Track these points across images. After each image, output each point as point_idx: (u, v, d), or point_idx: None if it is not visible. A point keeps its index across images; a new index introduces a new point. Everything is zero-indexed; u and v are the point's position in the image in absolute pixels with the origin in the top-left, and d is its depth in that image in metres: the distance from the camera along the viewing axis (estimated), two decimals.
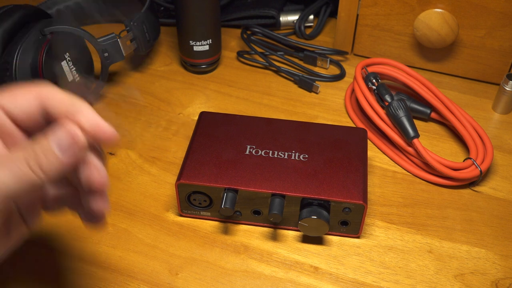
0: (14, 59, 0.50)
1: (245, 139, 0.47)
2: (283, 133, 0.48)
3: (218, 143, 0.47)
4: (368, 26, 0.64)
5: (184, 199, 0.45)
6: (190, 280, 0.42)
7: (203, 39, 0.61)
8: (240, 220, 0.45)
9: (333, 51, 0.65)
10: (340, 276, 0.42)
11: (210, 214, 0.45)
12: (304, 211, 0.42)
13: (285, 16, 0.72)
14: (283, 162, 0.45)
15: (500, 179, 0.51)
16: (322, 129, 0.49)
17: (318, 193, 0.42)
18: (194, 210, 0.45)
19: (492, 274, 0.42)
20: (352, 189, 0.42)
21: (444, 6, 0.58)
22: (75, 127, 0.29)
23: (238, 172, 0.44)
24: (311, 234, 0.43)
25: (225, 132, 0.48)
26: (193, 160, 0.45)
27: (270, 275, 0.42)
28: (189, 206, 0.45)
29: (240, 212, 0.45)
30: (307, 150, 0.46)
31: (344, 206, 0.42)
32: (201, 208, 0.45)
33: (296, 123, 0.49)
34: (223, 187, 0.43)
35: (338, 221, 0.43)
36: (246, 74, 0.65)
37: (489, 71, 0.61)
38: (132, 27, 0.58)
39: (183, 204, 0.45)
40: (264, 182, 0.43)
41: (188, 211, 0.46)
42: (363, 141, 0.47)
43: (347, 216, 0.43)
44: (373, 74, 0.56)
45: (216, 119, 0.49)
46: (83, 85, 0.55)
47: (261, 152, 0.45)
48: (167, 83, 0.64)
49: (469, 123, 0.52)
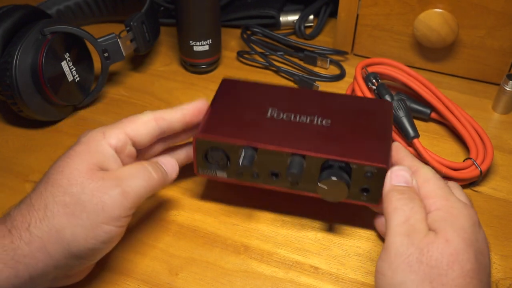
0: (14, 59, 0.50)
1: (266, 103, 0.46)
2: (306, 100, 0.46)
3: (239, 105, 0.45)
4: (368, 26, 0.64)
5: (202, 156, 0.43)
6: (190, 280, 0.42)
7: (203, 39, 0.61)
8: (257, 182, 0.43)
9: (333, 51, 0.65)
10: (340, 276, 0.42)
11: (227, 175, 0.44)
12: (325, 172, 0.40)
13: (285, 16, 0.72)
14: (305, 126, 0.43)
15: (500, 179, 0.51)
16: (346, 99, 0.48)
17: (340, 155, 0.40)
18: (210, 169, 0.43)
19: (492, 274, 0.42)
20: (375, 153, 0.40)
21: (444, 6, 0.58)
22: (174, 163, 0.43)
23: (258, 132, 0.42)
24: (329, 199, 0.41)
25: (246, 96, 0.47)
26: (213, 117, 0.44)
27: (270, 275, 0.42)
28: (205, 165, 0.43)
29: (258, 174, 0.43)
30: (330, 117, 0.44)
31: (367, 170, 0.40)
32: (217, 166, 0.43)
33: (320, 92, 0.49)
34: (242, 145, 0.41)
35: (359, 188, 0.41)
36: (246, 74, 0.65)
37: (489, 71, 0.61)
38: (132, 27, 0.58)
39: (199, 162, 0.43)
40: (284, 142, 0.41)
41: (204, 171, 0.44)
42: (388, 113, 0.46)
43: (368, 182, 0.40)
44: (373, 74, 0.56)
45: (238, 86, 0.49)
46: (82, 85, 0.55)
47: (282, 116, 0.44)
48: (167, 83, 0.64)
49: (469, 123, 0.52)
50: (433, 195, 0.36)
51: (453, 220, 0.33)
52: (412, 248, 0.33)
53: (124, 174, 0.37)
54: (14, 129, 0.57)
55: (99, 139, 0.38)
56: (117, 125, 0.40)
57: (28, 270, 0.34)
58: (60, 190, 0.35)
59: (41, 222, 0.34)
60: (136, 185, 0.37)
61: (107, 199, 0.35)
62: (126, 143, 0.39)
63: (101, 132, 0.39)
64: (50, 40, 0.52)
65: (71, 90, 0.56)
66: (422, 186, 0.37)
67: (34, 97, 0.52)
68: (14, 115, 0.55)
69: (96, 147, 0.38)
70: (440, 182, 0.37)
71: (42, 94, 0.53)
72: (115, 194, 0.36)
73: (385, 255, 0.34)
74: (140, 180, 0.37)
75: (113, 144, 0.38)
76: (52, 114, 0.56)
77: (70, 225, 0.34)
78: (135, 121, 0.40)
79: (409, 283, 0.32)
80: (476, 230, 0.34)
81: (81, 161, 0.36)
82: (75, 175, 0.36)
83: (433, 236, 0.33)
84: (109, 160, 0.38)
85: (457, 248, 0.32)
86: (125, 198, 0.36)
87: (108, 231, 0.36)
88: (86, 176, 0.36)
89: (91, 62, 0.59)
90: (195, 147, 0.43)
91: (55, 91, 0.53)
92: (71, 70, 0.55)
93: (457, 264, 0.31)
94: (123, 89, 0.63)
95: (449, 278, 0.31)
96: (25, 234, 0.34)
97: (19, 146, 0.54)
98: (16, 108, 0.53)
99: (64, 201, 0.35)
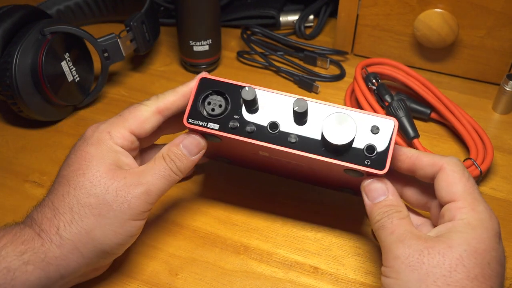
0: (14, 59, 0.50)
1: None
2: None
3: None
4: (368, 26, 0.64)
5: (199, 100, 0.39)
6: (190, 280, 0.42)
7: (203, 39, 0.61)
8: (250, 137, 0.39)
9: (333, 51, 0.65)
10: (340, 277, 0.42)
11: (219, 127, 0.39)
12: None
13: (285, 16, 0.72)
14: None
15: (500, 179, 0.51)
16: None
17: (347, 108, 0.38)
18: (202, 119, 0.39)
19: None
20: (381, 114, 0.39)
21: (444, 6, 0.58)
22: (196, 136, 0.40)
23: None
24: (333, 140, 0.37)
25: None
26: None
27: (270, 275, 0.42)
28: (198, 113, 0.40)
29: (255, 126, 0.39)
30: None
31: (373, 122, 0.37)
32: (212, 117, 0.39)
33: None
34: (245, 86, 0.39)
35: (364, 147, 0.37)
36: (246, 74, 0.65)
37: (489, 71, 0.61)
38: (132, 27, 0.58)
39: (194, 107, 0.40)
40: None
41: (195, 121, 0.39)
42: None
43: (374, 139, 0.37)
44: (373, 74, 0.56)
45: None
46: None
47: None
48: (167, 83, 0.64)
49: (469, 123, 0.52)
50: (461, 200, 0.35)
51: (468, 231, 0.33)
52: (409, 250, 0.33)
53: (145, 172, 0.38)
54: (14, 129, 0.57)
55: (106, 140, 0.38)
56: (120, 122, 0.39)
57: (60, 270, 0.35)
58: (83, 192, 0.36)
59: (70, 225, 0.35)
60: (158, 182, 0.38)
61: (131, 198, 0.37)
62: (132, 141, 0.40)
63: (106, 132, 0.39)
64: (50, 40, 0.52)
65: (71, 90, 0.56)
66: (449, 187, 0.35)
67: (34, 97, 0.52)
68: (14, 115, 0.55)
69: (106, 148, 0.38)
70: (469, 184, 0.36)
71: (42, 94, 0.53)
72: (139, 193, 0.37)
73: (385, 260, 0.34)
74: (161, 177, 0.38)
75: (120, 144, 0.39)
76: (52, 114, 0.56)
77: (99, 225, 0.36)
78: (139, 118, 0.40)
79: (414, 281, 0.32)
80: (496, 241, 0.34)
81: (98, 162, 0.37)
82: (97, 176, 0.37)
83: (434, 242, 0.33)
84: (121, 157, 0.39)
85: (462, 255, 0.32)
86: (148, 195, 0.37)
87: (135, 225, 0.38)
88: (108, 176, 0.37)
89: (91, 62, 0.59)
90: (197, 88, 0.40)
91: (55, 91, 0.53)
92: (71, 70, 0.55)
93: (461, 267, 0.31)
94: (123, 89, 0.63)
95: (453, 279, 0.31)
96: (56, 238, 0.35)
97: (19, 146, 0.54)
98: (16, 108, 0.53)
99: (90, 202, 0.36)
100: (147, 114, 0.40)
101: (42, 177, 0.51)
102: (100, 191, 0.36)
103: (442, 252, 0.32)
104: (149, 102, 0.40)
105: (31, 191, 0.49)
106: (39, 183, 0.50)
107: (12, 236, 0.35)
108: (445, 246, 0.32)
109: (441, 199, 0.36)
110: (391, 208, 0.36)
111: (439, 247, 0.32)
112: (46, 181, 0.50)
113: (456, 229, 0.34)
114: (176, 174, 0.39)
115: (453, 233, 0.33)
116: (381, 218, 0.36)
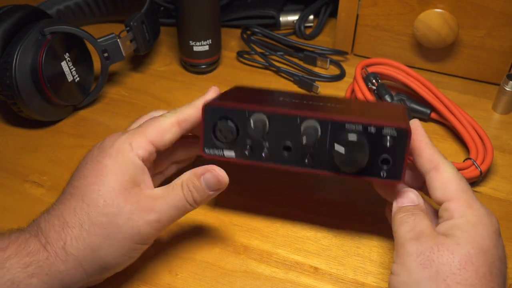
0: (14, 59, 0.50)
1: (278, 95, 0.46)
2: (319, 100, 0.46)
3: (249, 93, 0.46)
4: (368, 26, 0.64)
5: (210, 130, 0.40)
6: (190, 280, 0.42)
7: (203, 39, 0.61)
8: (266, 162, 0.40)
9: (333, 51, 0.65)
10: (340, 277, 0.42)
11: (235, 154, 0.41)
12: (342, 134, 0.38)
13: (285, 16, 0.72)
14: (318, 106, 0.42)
15: (500, 179, 0.51)
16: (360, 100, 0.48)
17: (357, 119, 0.37)
18: (218, 148, 0.41)
19: None
20: (394, 119, 0.38)
21: (444, 6, 0.58)
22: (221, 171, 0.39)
23: (269, 103, 0.41)
24: (346, 168, 0.37)
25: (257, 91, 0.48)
26: (222, 95, 0.43)
27: (270, 275, 0.42)
28: (213, 143, 0.41)
29: (268, 150, 0.40)
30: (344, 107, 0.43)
31: (386, 133, 0.37)
32: (226, 144, 0.40)
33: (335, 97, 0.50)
34: (253, 110, 0.39)
35: (379, 159, 0.37)
36: (246, 74, 0.65)
37: (489, 71, 0.61)
38: (132, 27, 0.58)
39: (207, 137, 0.41)
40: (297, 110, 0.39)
41: (211, 150, 0.41)
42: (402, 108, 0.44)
43: (388, 149, 0.37)
44: (373, 74, 0.56)
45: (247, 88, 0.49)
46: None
47: (295, 101, 0.43)
48: (167, 83, 0.64)
49: (469, 123, 0.52)
50: (456, 198, 0.35)
51: (470, 229, 0.34)
52: (421, 248, 0.33)
53: (160, 199, 0.38)
54: (14, 129, 0.57)
55: (127, 151, 0.38)
56: (141, 133, 0.39)
57: (62, 284, 0.35)
58: (96, 210, 0.36)
59: (77, 241, 0.35)
60: (171, 211, 0.38)
61: (142, 224, 0.36)
62: (152, 152, 0.39)
63: (127, 143, 0.38)
64: (50, 40, 0.52)
65: (71, 90, 0.56)
66: (444, 186, 0.36)
67: (34, 97, 0.52)
68: (14, 115, 0.55)
69: (125, 161, 0.37)
70: (463, 183, 0.36)
71: (42, 94, 0.53)
72: (150, 220, 0.37)
73: (397, 258, 0.34)
74: (175, 207, 0.38)
75: (141, 155, 0.38)
76: (52, 114, 0.56)
77: (105, 245, 0.36)
78: (159, 128, 0.39)
79: (424, 280, 0.32)
80: (496, 238, 0.34)
81: (114, 179, 0.37)
82: (112, 195, 0.36)
83: (444, 239, 0.33)
84: (140, 174, 0.38)
85: (470, 252, 0.32)
86: (159, 223, 0.37)
87: (140, 248, 0.38)
88: (122, 197, 0.36)
89: (91, 62, 0.59)
90: (204, 118, 0.40)
91: (55, 91, 0.53)
92: (71, 70, 0.55)
93: (470, 265, 0.32)
94: (123, 89, 0.63)
95: (462, 277, 0.31)
96: (61, 252, 0.35)
97: (19, 146, 0.54)
98: (16, 108, 0.53)
99: (101, 221, 0.36)
100: (167, 125, 0.40)
101: (42, 177, 0.51)
102: (112, 211, 0.36)
103: (451, 249, 0.32)
104: (168, 114, 0.41)
105: (31, 191, 0.49)
106: (39, 183, 0.50)
107: (17, 247, 0.34)
108: (453, 243, 0.33)
109: (436, 199, 0.37)
110: (417, 208, 0.37)
111: (448, 244, 0.33)
112: (46, 181, 0.50)
113: (459, 226, 0.34)
114: (191, 205, 0.38)
115: (457, 230, 0.34)
116: (405, 214, 0.36)
